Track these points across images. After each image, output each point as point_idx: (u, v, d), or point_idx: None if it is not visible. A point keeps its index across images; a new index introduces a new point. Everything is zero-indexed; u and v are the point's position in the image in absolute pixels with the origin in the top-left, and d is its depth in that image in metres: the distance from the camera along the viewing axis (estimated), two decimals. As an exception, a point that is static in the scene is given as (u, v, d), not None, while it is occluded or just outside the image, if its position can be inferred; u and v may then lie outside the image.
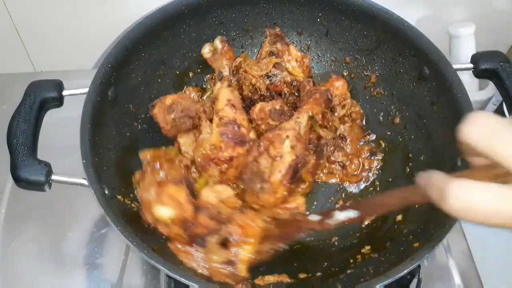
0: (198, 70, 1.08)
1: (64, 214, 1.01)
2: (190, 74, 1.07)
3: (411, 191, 0.68)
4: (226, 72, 1.01)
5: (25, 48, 1.23)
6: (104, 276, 0.94)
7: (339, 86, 1.06)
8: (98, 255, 0.96)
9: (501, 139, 0.49)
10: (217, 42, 1.04)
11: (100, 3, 1.12)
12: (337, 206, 1.00)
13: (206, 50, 1.04)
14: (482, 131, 0.50)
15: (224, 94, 0.95)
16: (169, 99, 0.96)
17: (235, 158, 0.90)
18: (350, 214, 0.76)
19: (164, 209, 0.82)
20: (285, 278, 0.87)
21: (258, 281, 0.86)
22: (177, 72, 1.05)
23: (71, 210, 1.01)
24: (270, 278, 0.86)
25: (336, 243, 0.91)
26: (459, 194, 0.50)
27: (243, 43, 1.10)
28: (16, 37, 1.19)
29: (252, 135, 0.95)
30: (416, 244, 0.81)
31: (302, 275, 0.88)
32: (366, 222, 0.95)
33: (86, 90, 0.84)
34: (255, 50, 1.12)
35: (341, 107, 1.04)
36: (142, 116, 0.98)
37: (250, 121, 0.96)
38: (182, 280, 0.73)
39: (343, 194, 1.02)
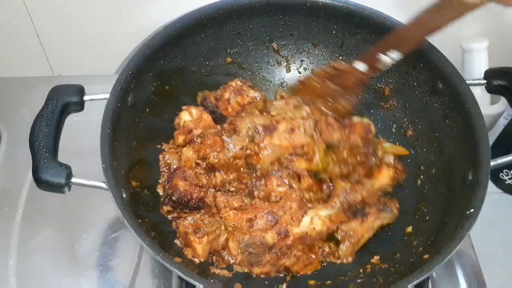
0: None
1: (79, 215, 1.03)
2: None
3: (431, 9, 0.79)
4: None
5: (45, 53, 1.25)
6: (117, 278, 0.95)
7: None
8: (112, 257, 0.98)
9: None
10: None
11: (122, 11, 1.14)
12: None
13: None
14: None
15: None
16: None
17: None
18: (393, 55, 0.85)
19: (187, 114, 0.99)
20: None
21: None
22: (193, 82, 1.07)
23: (86, 212, 1.03)
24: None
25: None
26: None
27: (259, 53, 1.12)
28: (36, 41, 1.22)
29: None
30: (426, 256, 0.82)
31: (311, 282, 0.89)
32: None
33: (106, 95, 0.86)
34: (270, 60, 1.14)
35: None
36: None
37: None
38: (195, 282, 0.74)
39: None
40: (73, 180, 0.79)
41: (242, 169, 0.95)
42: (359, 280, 0.87)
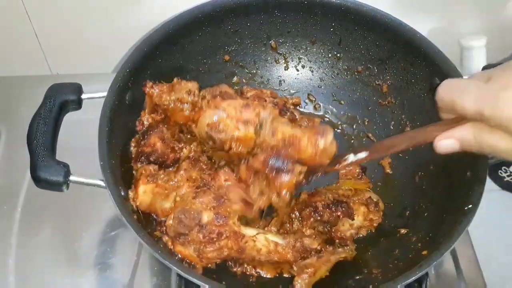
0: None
1: (78, 214, 1.03)
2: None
3: (419, 132, 0.78)
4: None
5: (43, 51, 1.25)
6: (116, 276, 0.96)
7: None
8: (111, 255, 0.98)
9: (458, 95, 0.65)
10: None
11: (119, 10, 1.14)
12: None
13: None
14: (447, 90, 0.68)
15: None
16: None
17: None
18: (361, 155, 0.82)
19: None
20: None
21: None
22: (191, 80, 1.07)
23: (85, 210, 1.03)
24: None
25: (345, 248, 0.92)
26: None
27: (257, 51, 1.12)
28: (34, 40, 1.22)
29: None
30: (424, 252, 0.82)
31: (310, 278, 0.89)
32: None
33: (104, 94, 0.86)
34: (268, 58, 1.14)
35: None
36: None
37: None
38: (194, 280, 0.74)
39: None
40: (71, 178, 0.79)
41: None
42: (358, 276, 0.88)
